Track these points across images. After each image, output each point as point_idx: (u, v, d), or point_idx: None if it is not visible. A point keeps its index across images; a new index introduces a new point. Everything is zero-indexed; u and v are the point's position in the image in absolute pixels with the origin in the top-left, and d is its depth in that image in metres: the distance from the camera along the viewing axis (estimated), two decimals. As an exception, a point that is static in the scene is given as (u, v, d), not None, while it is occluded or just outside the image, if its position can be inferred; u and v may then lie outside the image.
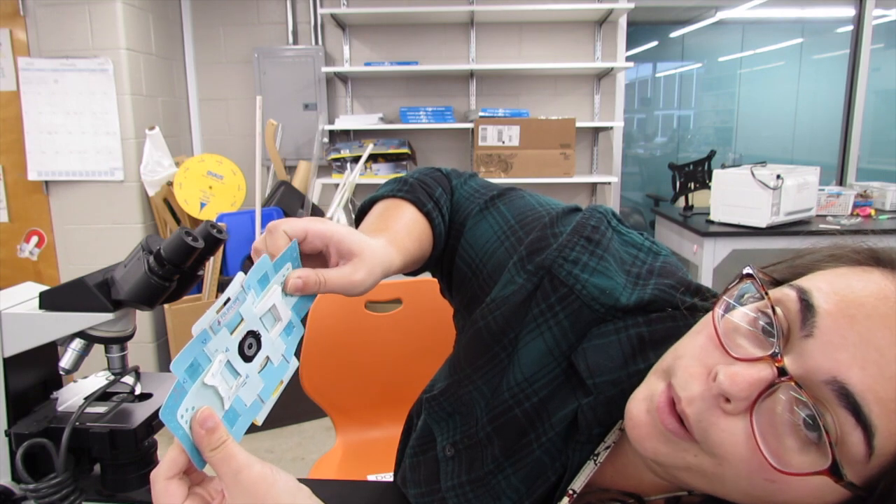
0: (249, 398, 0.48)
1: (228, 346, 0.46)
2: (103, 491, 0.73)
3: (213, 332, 0.44)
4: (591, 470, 0.55)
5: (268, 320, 0.50)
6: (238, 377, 0.46)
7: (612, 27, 3.19)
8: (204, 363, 0.44)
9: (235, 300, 0.46)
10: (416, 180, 0.72)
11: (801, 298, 0.42)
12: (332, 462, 1.43)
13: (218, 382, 0.45)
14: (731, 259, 2.71)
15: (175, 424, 0.42)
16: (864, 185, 3.22)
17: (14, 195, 2.77)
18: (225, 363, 0.45)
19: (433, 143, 3.28)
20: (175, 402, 0.42)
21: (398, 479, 0.78)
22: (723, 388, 0.41)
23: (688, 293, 0.58)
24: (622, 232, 0.63)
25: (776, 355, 0.41)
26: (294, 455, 2.53)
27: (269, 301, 0.49)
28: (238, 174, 2.81)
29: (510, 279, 0.61)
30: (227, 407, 0.46)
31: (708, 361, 0.44)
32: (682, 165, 3.06)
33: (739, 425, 0.41)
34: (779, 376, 0.40)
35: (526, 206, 0.69)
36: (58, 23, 2.59)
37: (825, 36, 3.89)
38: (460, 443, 0.62)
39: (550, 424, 0.58)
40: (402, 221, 0.66)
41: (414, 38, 3.20)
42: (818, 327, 0.40)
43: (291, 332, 0.52)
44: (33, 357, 0.70)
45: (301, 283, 0.51)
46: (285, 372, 0.51)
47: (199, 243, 0.65)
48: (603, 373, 0.55)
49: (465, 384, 0.62)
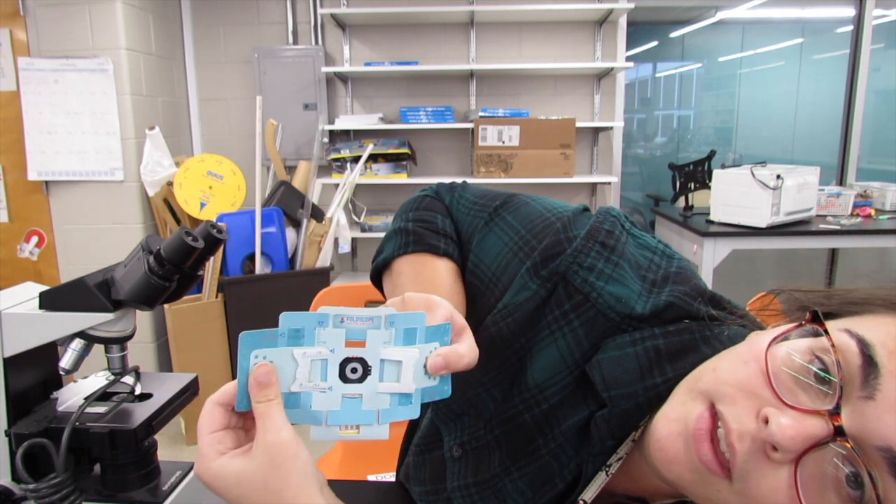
0: (318, 405, 0.45)
1: (335, 349, 0.44)
2: (103, 491, 0.73)
3: (332, 322, 0.43)
4: (602, 481, 0.54)
5: (387, 370, 0.46)
6: (323, 381, 0.45)
7: (612, 27, 3.19)
8: (308, 339, 0.44)
9: (370, 319, 0.44)
10: (415, 225, 0.70)
11: (863, 353, 0.39)
12: (332, 462, 1.43)
13: (302, 364, 0.44)
14: (732, 259, 2.71)
15: (245, 354, 0.43)
16: (864, 185, 3.22)
17: (14, 195, 2.77)
18: (322, 359, 0.44)
19: (433, 143, 3.28)
20: (261, 341, 0.42)
21: (401, 475, 0.77)
22: (774, 438, 0.39)
23: (703, 302, 0.57)
24: (636, 235, 0.62)
25: (834, 413, 0.38)
26: (294, 455, 2.52)
27: (400, 355, 0.46)
28: (238, 174, 2.81)
29: (524, 285, 0.60)
30: (293, 389, 0.45)
31: (757, 399, 0.42)
32: (682, 165, 3.06)
33: (783, 474, 0.40)
34: (834, 435, 0.38)
35: (532, 213, 0.67)
36: (58, 23, 2.59)
37: (825, 36, 3.89)
38: (468, 444, 0.62)
39: (560, 431, 0.57)
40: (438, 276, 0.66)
41: (414, 38, 3.20)
42: (880, 390, 0.37)
43: (405, 405, 0.47)
44: (33, 357, 0.70)
45: (441, 360, 0.47)
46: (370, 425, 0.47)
47: (199, 243, 0.65)
48: (619, 386, 0.54)
49: (475, 387, 0.61)
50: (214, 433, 0.45)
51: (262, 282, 2.61)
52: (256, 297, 2.57)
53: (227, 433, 0.45)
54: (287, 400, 0.45)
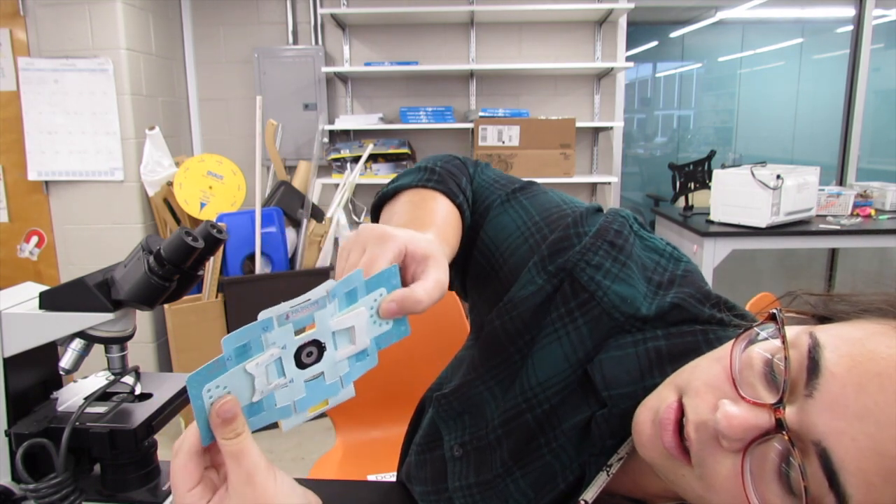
0: (283, 401, 0.45)
1: (287, 345, 0.43)
2: (103, 491, 0.73)
3: (277, 323, 0.42)
4: (603, 481, 0.54)
5: (341, 338, 0.46)
6: (282, 378, 0.44)
7: (612, 27, 3.19)
8: (255, 350, 0.42)
9: (314, 303, 0.44)
10: (442, 169, 0.68)
11: (810, 353, 0.41)
12: (332, 462, 1.43)
13: (258, 374, 0.42)
14: (732, 259, 2.71)
15: (197, 394, 0.41)
16: (864, 185, 3.22)
17: (14, 195, 2.77)
18: (275, 360, 0.43)
19: (433, 143, 3.28)
20: (209, 374, 0.41)
21: (402, 474, 0.77)
22: (718, 426, 0.41)
23: (707, 305, 0.57)
24: (644, 237, 0.62)
25: (778, 406, 0.41)
26: (294, 455, 2.52)
27: (350, 321, 0.46)
28: (238, 174, 2.81)
29: (530, 279, 0.59)
30: (255, 399, 0.43)
31: (718, 392, 0.44)
32: (682, 165, 3.06)
33: (732, 462, 0.42)
34: (776, 428, 0.40)
35: (550, 203, 0.66)
36: (58, 23, 2.59)
37: (825, 36, 3.89)
38: (469, 444, 0.62)
39: (562, 431, 0.57)
40: (441, 215, 0.62)
41: (414, 38, 3.20)
42: (819, 390, 0.40)
43: (363, 360, 0.48)
44: (33, 357, 0.70)
45: (395, 306, 0.45)
46: (336, 394, 0.47)
47: (199, 243, 0.65)
48: (619, 385, 0.54)
49: (476, 384, 0.61)
50: (192, 490, 0.43)
51: (262, 282, 2.61)
52: (256, 297, 2.57)
53: (203, 486, 0.43)
54: (250, 410, 0.44)
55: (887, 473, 0.37)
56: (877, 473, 0.37)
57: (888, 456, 0.37)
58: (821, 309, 0.47)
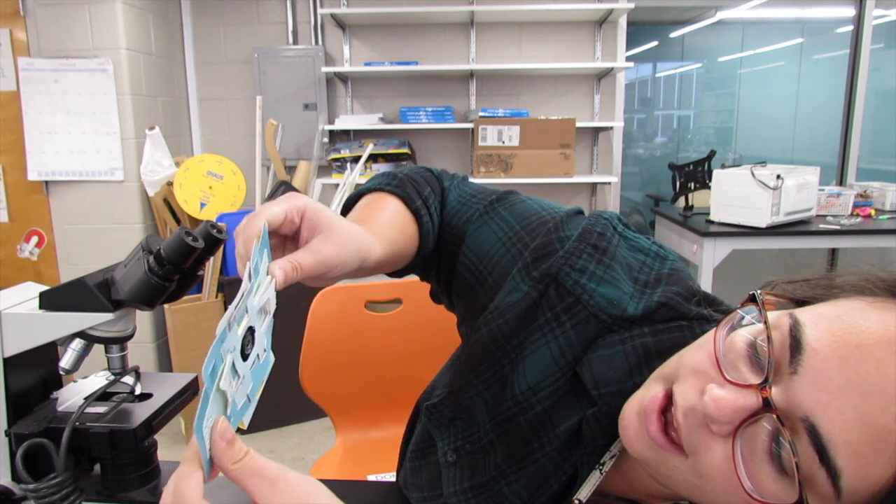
0: (241, 399, 0.44)
1: (235, 345, 0.42)
2: (103, 491, 0.73)
3: (229, 329, 0.41)
4: (596, 479, 0.55)
5: (260, 314, 0.46)
6: (237, 377, 0.43)
7: (612, 27, 3.19)
8: (219, 366, 0.40)
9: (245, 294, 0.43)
10: (405, 176, 0.70)
11: (791, 331, 0.42)
12: (332, 462, 1.43)
13: (227, 387, 0.41)
14: (731, 259, 2.71)
15: (201, 436, 0.38)
16: (864, 185, 3.22)
17: (14, 195, 2.77)
18: (231, 366, 0.42)
19: (433, 143, 3.28)
20: (200, 413, 0.39)
21: (399, 480, 0.77)
22: (707, 409, 0.41)
23: (694, 302, 0.57)
24: (629, 237, 0.62)
25: (764, 385, 0.41)
26: (294, 455, 2.52)
27: (266, 294, 0.46)
28: (238, 174, 2.81)
29: (515, 286, 0.60)
30: (229, 412, 0.42)
31: (704, 377, 0.44)
32: (682, 165, 3.06)
33: (723, 447, 0.42)
34: (763, 407, 0.40)
35: (529, 210, 0.67)
36: (58, 23, 2.59)
37: (825, 36, 3.89)
38: (462, 449, 0.62)
39: (555, 434, 0.57)
40: (386, 213, 0.64)
41: (414, 38, 3.20)
42: (802, 366, 0.40)
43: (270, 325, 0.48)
44: (33, 357, 0.70)
45: (283, 275, 0.47)
46: (267, 368, 0.48)
47: (199, 243, 0.65)
48: (608, 384, 0.54)
49: (466, 391, 0.61)
50: None
51: (262, 282, 2.60)
52: (256, 297, 2.57)
53: None
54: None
55: (876, 443, 0.37)
56: (866, 444, 0.37)
57: (875, 425, 0.37)
58: (799, 293, 0.48)
